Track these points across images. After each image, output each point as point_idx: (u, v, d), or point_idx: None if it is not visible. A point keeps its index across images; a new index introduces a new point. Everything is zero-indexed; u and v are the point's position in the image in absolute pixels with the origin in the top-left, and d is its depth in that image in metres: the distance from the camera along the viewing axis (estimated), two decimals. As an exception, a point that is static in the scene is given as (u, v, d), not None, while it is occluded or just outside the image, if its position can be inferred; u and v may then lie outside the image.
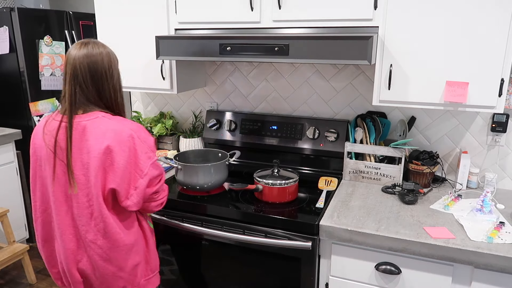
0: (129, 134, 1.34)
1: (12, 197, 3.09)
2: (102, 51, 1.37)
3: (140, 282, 1.49)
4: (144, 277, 1.50)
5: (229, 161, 1.97)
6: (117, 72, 1.40)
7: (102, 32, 2.21)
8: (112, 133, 1.33)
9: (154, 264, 1.56)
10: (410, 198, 1.77)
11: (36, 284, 2.85)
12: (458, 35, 1.60)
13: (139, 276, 1.48)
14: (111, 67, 1.38)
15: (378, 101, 1.78)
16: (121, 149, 1.32)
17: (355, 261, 1.61)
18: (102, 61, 1.35)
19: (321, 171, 2.18)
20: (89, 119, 1.34)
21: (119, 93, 1.41)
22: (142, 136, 1.38)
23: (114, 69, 1.39)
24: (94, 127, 1.33)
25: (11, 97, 3.14)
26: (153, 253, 1.57)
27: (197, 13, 1.95)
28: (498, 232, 1.50)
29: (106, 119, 1.35)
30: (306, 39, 1.61)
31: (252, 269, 1.79)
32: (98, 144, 1.32)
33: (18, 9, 2.93)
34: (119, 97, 1.41)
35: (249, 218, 1.72)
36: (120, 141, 1.33)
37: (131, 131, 1.35)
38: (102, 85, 1.36)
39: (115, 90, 1.39)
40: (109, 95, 1.39)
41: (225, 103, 2.47)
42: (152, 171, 1.39)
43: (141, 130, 1.40)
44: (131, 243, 1.43)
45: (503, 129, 1.93)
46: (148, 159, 1.38)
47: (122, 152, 1.33)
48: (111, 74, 1.38)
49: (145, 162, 1.37)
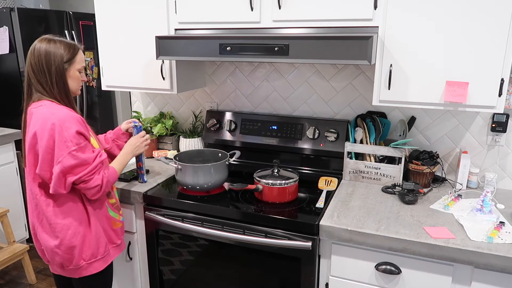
0: (52, 122, 1.46)
1: (12, 197, 3.09)
2: (41, 48, 1.51)
3: (80, 263, 1.61)
4: (84, 260, 1.61)
5: (229, 161, 1.97)
6: (55, 68, 1.51)
7: (102, 32, 2.21)
8: (40, 120, 1.47)
9: (96, 249, 1.64)
10: (410, 198, 1.77)
11: (36, 284, 2.85)
12: (458, 35, 1.60)
13: (77, 258, 1.59)
14: (49, 62, 1.50)
15: (378, 101, 1.78)
16: (43, 135, 1.46)
17: (355, 261, 1.61)
18: (40, 57, 1.50)
19: (321, 171, 2.18)
20: (36, 107, 1.51)
21: (57, 85, 1.53)
22: (65, 125, 1.46)
23: (52, 65, 1.50)
24: (35, 113, 1.50)
25: (11, 97, 3.14)
26: (96, 239, 1.63)
27: (197, 13, 1.95)
28: (498, 232, 1.50)
29: (45, 108, 1.49)
30: (306, 39, 1.61)
31: (252, 269, 1.79)
32: (31, 130, 1.49)
33: (18, 9, 2.93)
34: (56, 89, 1.53)
35: (249, 218, 1.72)
36: (43, 128, 1.46)
37: (56, 120, 1.46)
38: (42, 78, 1.52)
39: (52, 82, 1.52)
40: (48, 87, 1.52)
41: (225, 103, 2.47)
42: (67, 159, 1.46)
43: (67, 120, 1.47)
44: (65, 224, 1.56)
45: (503, 129, 1.93)
46: (66, 148, 1.46)
47: (43, 138, 1.46)
48: (48, 70, 1.50)
49: (62, 150, 1.46)
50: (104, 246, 1.67)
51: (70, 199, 1.58)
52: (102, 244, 1.66)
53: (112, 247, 1.72)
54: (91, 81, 3.70)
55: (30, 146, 1.51)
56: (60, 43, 1.53)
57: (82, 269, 1.63)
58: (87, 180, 1.51)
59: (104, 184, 1.56)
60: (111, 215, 1.72)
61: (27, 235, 3.27)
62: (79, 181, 1.50)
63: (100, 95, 3.77)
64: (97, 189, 1.55)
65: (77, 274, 1.64)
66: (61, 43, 1.54)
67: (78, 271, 1.63)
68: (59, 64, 1.51)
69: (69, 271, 1.64)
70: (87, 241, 1.61)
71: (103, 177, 1.56)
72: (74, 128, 1.48)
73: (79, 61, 1.58)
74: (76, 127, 1.48)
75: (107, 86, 2.30)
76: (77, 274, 1.64)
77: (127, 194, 1.96)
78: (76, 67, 1.57)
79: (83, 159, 1.50)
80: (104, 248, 1.67)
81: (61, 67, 1.52)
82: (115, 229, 1.75)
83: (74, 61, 1.56)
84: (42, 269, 3.01)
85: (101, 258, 1.67)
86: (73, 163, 1.47)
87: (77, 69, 1.57)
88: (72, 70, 1.56)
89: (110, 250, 1.71)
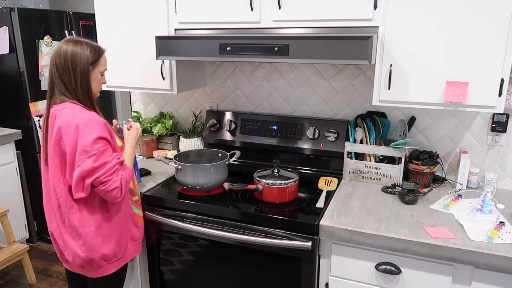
0: (76, 125, 1.47)
1: (12, 197, 3.09)
2: (68, 49, 1.51)
3: (101, 264, 1.61)
4: (106, 261, 1.62)
5: (229, 161, 1.97)
6: (81, 69, 1.52)
7: (102, 32, 2.21)
8: (65, 122, 1.49)
9: (118, 250, 1.65)
10: (410, 198, 1.77)
11: (36, 284, 2.85)
12: (458, 35, 1.60)
13: (99, 259, 1.60)
14: (75, 63, 1.51)
15: (378, 101, 1.78)
16: (68, 140, 1.48)
17: (355, 261, 1.61)
18: (66, 57, 1.50)
19: (321, 171, 2.18)
20: (59, 109, 1.52)
21: (81, 86, 1.54)
22: (87, 130, 1.48)
23: (77, 66, 1.51)
24: (59, 116, 1.51)
25: (11, 97, 3.14)
26: (119, 240, 1.64)
27: (197, 13, 1.95)
28: (498, 232, 1.50)
29: (68, 110, 1.50)
30: (306, 39, 1.61)
31: (252, 269, 1.79)
32: (55, 132, 1.50)
33: (18, 9, 2.93)
34: (80, 90, 1.54)
35: (249, 218, 1.72)
36: (68, 132, 1.47)
37: (79, 122, 1.47)
38: (66, 79, 1.52)
39: (76, 83, 1.53)
40: (72, 87, 1.53)
41: (225, 103, 2.47)
42: (86, 163, 1.46)
43: (89, 124, 1.49)
44: (87, 226, 1.56)
45: (503, 129, 1.93)
46: (85, 152, 1.46)
47: (68, 143, 1.48)
48: (73, 70, 1.51)
49: (81, 155, 1.47)
50: (125, 245, 1.68)
51: (94, 200, 1.57)
52: (123, 244, 1.68)
53: (132, 245, 1.74)
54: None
55: (56, 148, 1.51)
56: (86, 45, 1.55)
57: (103, 269, 1.64)
58: (105, 181, 1.49)
59: (124, 185, 1.54)
60: (135, 212, 1.75)
61: (27, 235, 3.27)
62: (97, 182, 1.48)
63: (100, 95, 3.77)
64: (117, 191, 1.52)
65: (95, 274, 1.65)
66: (87, 45, 1.56)
67: (99, 271, 1.64)
68: (84, 66, 1.53)
69: (89, 271, 1.65)
70: (109, 242, 1.61)
71: (121, 178, 1.53)
72: (95, 134, 1.48)
73: (102, 63, 1.61)
74: (98, 133, 1.49)
75: (107, 86, 2.30)
76: (96, 274, 1.65)
77: (127, 194, 1.96)
78: (100, 69, 1.60)
79: (102, 162, 1.49)
80: (125, 247, 1.69)
81: (86, 69, 1.54)
82: (140, 225, 1.77)
83: (99, 63, 1.58)
84: (42, 269, 3.01)
85: (121, 257, 1.68)
86: (91, 166, 1.46)
87: (100, 71, 1.60)
88: (96, 72, 1.58)
89: (130, 248, 1.73)
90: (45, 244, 3.36)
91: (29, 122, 3.11)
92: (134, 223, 1.75)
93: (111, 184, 1.50)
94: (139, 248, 1.80)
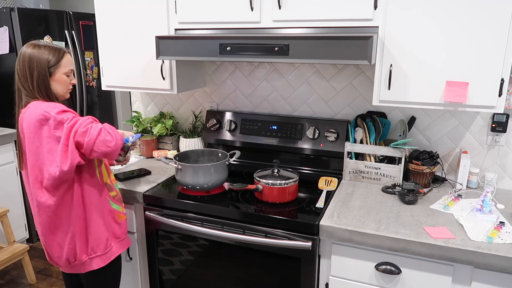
0: (37, 116, 1.49)
1: (12, 197, 3.09)
2: (26, 53, 1.53)
3: (83, 258, 1.65)
4: (87, 254, 1.65)
5: (229, 161, 1.97)
6: (38, 73, 1.53)
7: (102, 32, 2.21)
8: (28, 119, 1.52)
9: (96, 244, 1.66)
10: (410, 198, 1.77)
11: (36, 284, 2.85)
12: (458, 35, 1.60)
13: (80, 252, 1.63)
14: (32, 68, 1.53)
15: (378, 101, 1.78)
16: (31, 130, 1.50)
17: (355, 261, 1.61)
18: (24, 62, 1.53)
19: (321, 171, 2.18)
20: (24, 111, 1.56)
21: (39, 89, 1.55)
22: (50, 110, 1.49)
23: (34, 70, 1.53)
24: (25, 117, 1.54)
25: (11, 97, 3.13)
26: (96, 234, 1.65)
27: (197, 13, 1.95)
28: (498, 232, 1.50)
29: (31, 107, 1.53)
30: (306, 39, 1.61)
31: (252, 269, 1.80)
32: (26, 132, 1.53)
33: (18, 9, 2.93)
34: (38, 94, 1.55)
35: (249, 218, 1.72)
36: (30, 125, 1.50)
37: (39, 111, 1.49)
38: (25, 84, 1.56)
39: (33, 87, 1.54)
40: (31, 91, 1.55)
41: (225, 103, 2.47)
42: (65, 130, 1.47)
43: (50, 106, 1.50)
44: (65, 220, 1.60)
45: (503, 129, 1.93)
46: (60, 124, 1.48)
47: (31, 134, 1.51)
48: (31, 75, 1.53)
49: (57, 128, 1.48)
50: (104, 242, 1.68)
51: (69, 195, 1.59)
52: (102, 240, 1.68)
53: (115, 243, 1.74)
54: (91, 81, 3.70)
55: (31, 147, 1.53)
56: (44, 48, 1.54)
57: (86, 264, 1.67)
58: (85, 130, 1.46)
59: (109, 129, 1.53)
60: (114, 208, 1.73)
61: (27, 235, 3.27)
62: (78, 135, 1.46)
63: (100, 95, 3.77)
64: (105, 133, 1.49)
65: (82, 269, 1.68)
66: (46, 48, 1.55)
67: (83, 266, 1.67)
68: (41, 69, 1.53)
69: (76, 267, 1.68)
70: (86, 236, 1.64)
71: (102, 125, 1.52)
72: (58, 108, 1.50)
73: (65, 64, 1.58)
74: (61, 107, 1.51)
75: (107, 86, 2.30)
76: (82, 269, 1.68)
77: (127, 194, 1.96)
78: (63, 71, 1.58)
79: (75, 120, 1.49)
80: (105, 245, 1.69)
81: (44, 72, 1.53)
82: (120, 222, 1.76)
83: (60, 65, 1.56)
84: (42, 269, 3.01)
85: (102, 254, 1.68)
86: (67, 127, 1.46)
87: (63, 72, 1.58)
88: (58, 74, 1.57)
89: (113, 246, 1.72)
90: (45, 244, 3.36)
91: (29, 122, 3.11)
92: (114, 220, 1.72)
93: (93, 130, 1.47)
94: (124, 245, 1.79)
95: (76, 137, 1.47)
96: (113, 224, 1.72)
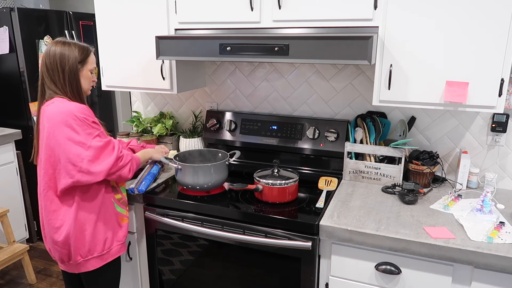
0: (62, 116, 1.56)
1: (12, 197, 3.09)
2: (56, 50, 1.60)
3: (77, 259, 1.66)
4: (81, 256, 1.66)
5: (229, 161, 1.97)
6: (69, 67, 1.60)
7: (102, 32, 2.21)
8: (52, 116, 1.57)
9: (92, 246, 1.68)
10: (410, 198, 1.77)
11: (36, 284, 2.85)
12: (458, 35, 1.60)
13: (74, 254, 1.65)
14: (63, 62, 1.60)
15: (378, 101, 1.78)
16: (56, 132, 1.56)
17: (355, 261, 1.61)
18: (55, 57, 1.60)
19: (321, 171, 2.18)
20: (48, 105, 1.61)
21: (70, 83, 1.62)
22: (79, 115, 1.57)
23: (66, 65, 1.60)
24: (47, 111, 1.59)
25: (11, 97, 3.14)
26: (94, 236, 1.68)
27: (197, 13, 1.95)
28: (498, 232, 1.50)
29: (54, 105, 1.58)
30: (306, 39, 1.61)
31: (252, 269, 1.80)
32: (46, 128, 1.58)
33: (18, 9, 2.93)
34: (69, 86, 1.62)
35: (249, 218, 1.72)
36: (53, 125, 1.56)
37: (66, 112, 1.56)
38: (55, 77, 1.61)
39: (65, 81, 1.61)
40: (61, 84, 1.61)
41: (225, 103, 2.47)
42: (96, 143, 1.58)
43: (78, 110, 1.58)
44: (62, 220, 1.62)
45: (503, 129, 1.93)
46: (89, 135, 1.58)
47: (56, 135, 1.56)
48: (62, 69, 1.60)
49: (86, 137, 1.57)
50: (102, 243, 1.69)
51: (70, 196, 1.62)
52: (100, 242, 1.69)
53: (116, 245, 1.74)
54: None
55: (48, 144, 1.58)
56: (74, 45, 1.63)
57: (81, 265, 1.68)
58: (128, 171, 1.66)
59: (134, 168, 1.71)
60: (118, 210, 1.76)
61: (27, 235, 3.27)
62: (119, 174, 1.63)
63: (100, 95, 3.77)
64: (129, 174, 1.68)
65: (77, 270, 1.70)
66: (75, 45, 1.63)
67: (77, 267, 1.69)
68: (72, 64, 1.61)
69: (70, 266, 1.70)
70: (82, 238, 1.64)
71: (131, 155, 1.70)
72: (90, 118, 1.60)
73: (91, 61, 1.68)
74: (90, 117, 1.60)
75: (107, 86, 2.30)
76: (77, 270, 1.70)
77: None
78: (89, 68, 1.67)
79: (107, 141, 1.62)
80: (102, 247, 1.69)
81: (75, 67, 1.62)
82: (123, 225, 1.78)
83: (87, 61, 1.66)
84: (42, 269, 3.01)
85: (99, 256, 1.69)
86: (100, 145, 1.58)
87: (89, 69, 1.68)
88: (85, 70, 1.66)
89: (113, 248, 1.73)
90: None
91: (29, 122, 3.11)
92: (117, 222, 1.76)
93: (125, 158, 1.67)
94: (123, 249, 1.80)
95: (116, 175, 1.64)
96: (116, 226, 1.74)
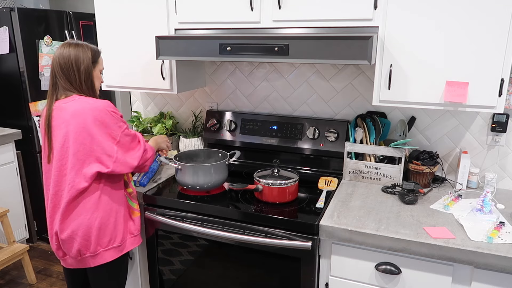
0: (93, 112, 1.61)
1: (12, 197, 3.09)
2: (70, 51, 1.65)
3: (97, 250, 1.67)
4: (102, 246, 1.67)
5: (229, 161, 1.97)
6: (84, 67, 1.66)
7: (102, 32, 2.21)
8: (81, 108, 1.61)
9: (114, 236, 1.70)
10: (410, 198, 1.77)
11: (36, 284, 2.85)
12: (458, 35, 1.60)
13: (94, 244, 1.65)
14: (78, 62, 1.65)
15: (378, 101, 1.78)
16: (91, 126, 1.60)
17: (355, 261, 1.61)
18: (70, 58, 1.64)
19: (321, 171, 2.18)
20: (67, 102, 1.63)
21: (85, 83, 1.68)
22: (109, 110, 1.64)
23: (81, 65, 1.65)
24: (68, 108, 1.62)
25: (11, 97, 3.13)
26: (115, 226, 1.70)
27: (197, 13, 1.95)
28: (498, 232, 1.50)
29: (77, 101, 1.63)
30: (306, 39, 1.61)
31: (252, 269, 1.80)
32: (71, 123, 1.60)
33: (18, 9, 2.93)
34: (85, 86, 1.67)
35: (249, 218, 1.72)
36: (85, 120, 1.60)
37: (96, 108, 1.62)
38: (71, 77, 1.65)
39: (81, 80, 1.66)
40: (78, 85, 1.66)
41: (225, 103, 2.47)
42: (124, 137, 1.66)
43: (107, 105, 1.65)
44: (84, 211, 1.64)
45: (503, 129, 1.93)
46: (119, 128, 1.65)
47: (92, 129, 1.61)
48: (78, 69, 1.65)
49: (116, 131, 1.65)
50: (121, 234, 1.72)
51: (92, 188, 1.63)
52: (120, 233, 1.71)
53: (129, 238, 1.76)
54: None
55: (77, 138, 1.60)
56: (86, 46, 1.69)
57: (99, 256, 1.67)
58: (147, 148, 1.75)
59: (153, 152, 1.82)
60: (130, 204, 1.79)
61: (27, 235, 3.27)
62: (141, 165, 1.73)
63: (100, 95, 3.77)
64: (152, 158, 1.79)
65: (92, 263, 1.68)
66: (87, 47, 1.69)
67: (94, 259, 1.67)
68: (87, 64, 1.66)
69: (86, 260, 1.67)
70: (104, 227, 1.66)
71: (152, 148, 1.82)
72: (119, 113, 1.67)
73: (101, 62, 1.75)
74: (118, 112, 1.68)
75: (107, 86, 2.30)
76: (93, 263, 1.68)
77: (127, 194, 1.96)
78: (99, 68, 1.74)
79: (134, 134, 1.72)
80: (122, 237, 1.72)
81: (90, 67, 1.67)
82: (134, 218, 1.80)
83: (98, 62, 1.72)
84: (42, 269, 3.01)
85: (118, 246, 1.71)
86: (130, 138, 1.68)
87: (99, 69, 1.74)
88: (96, 71, 1.72)
89: (127, 240, 1.75)
90: (45, 244, 3.36)
91: (29, 122, 3.11)
92: (130, 215, 1.79)
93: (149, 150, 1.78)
94: (137, 241, 1.80)
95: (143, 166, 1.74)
96: (129, 219, 1.77)
